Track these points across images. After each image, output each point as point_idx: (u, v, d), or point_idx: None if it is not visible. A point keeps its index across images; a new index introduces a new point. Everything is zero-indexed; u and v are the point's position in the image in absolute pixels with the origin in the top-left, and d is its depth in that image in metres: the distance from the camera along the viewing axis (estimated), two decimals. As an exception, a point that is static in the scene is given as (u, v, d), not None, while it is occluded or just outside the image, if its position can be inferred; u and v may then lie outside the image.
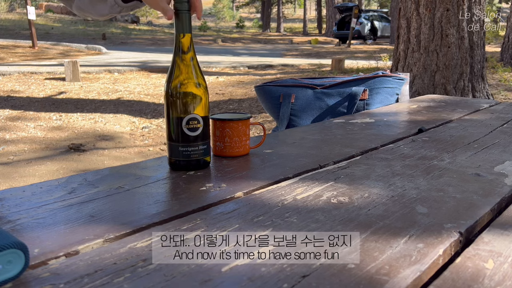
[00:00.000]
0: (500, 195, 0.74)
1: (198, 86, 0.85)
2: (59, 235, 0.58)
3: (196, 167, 0.88)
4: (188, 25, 0.83)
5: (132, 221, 0.63)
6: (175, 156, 0.87)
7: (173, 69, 0.84)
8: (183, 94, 0.84)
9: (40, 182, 0.80)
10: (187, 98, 0.84)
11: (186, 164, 0.87)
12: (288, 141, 1.11)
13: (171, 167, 0.89)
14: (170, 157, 0.88)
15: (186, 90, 0.84)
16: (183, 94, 0.84)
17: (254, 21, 38.51)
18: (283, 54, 13.77)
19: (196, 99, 0.85)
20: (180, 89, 0.84)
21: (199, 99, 0.85)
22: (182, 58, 0.84)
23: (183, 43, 0.83)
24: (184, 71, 0.84)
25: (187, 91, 0.84)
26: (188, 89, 0.84)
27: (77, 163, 3.27)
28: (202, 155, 0.87)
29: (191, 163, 0.87)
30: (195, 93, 0.84)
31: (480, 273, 0.50)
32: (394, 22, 15.96)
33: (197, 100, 0.85)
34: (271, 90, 1.90)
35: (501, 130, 1.25)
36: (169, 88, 0.84)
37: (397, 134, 1.20)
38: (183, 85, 0.84)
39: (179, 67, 0.84)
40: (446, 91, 4.25)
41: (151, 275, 0.49)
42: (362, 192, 0.75)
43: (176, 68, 0.84)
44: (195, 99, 0.84)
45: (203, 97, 0.86)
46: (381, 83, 1.82)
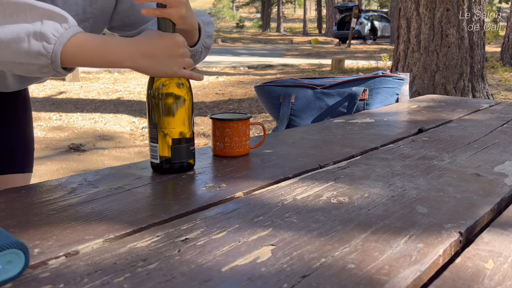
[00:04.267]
0: (500, 195, 0.74)
1: (180, 86, 0.81)
2: (59, 235, 0.58)
3: (180, 170, 0.85)
4: (172, 25, 0.80)
5: (132, 221, 0.63)
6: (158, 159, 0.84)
7: None
8: (165, 95, 0.80)
9: (40, 182, 0.80)
10: (170, 99, 0.81)
11: (170, 167, 0.84)
12: (288, 141, 1.11)
13: (154, 170, 0.86)
14: (153, 160, 0.85)
15: (168, 91, 0.81)
16: (165, 95, 0.80)
17: (254, 21, 38.53)
18: (283, 54, 13.77)
19: (180, 100, 0.82)
20: (162, 90, 0.81)
21: (183, 100, 0.82)
22: None
23: None
24: None
25: (169, 92, 0.81)
26: (170, 90, 0.81)
27: (77, 163, 3.27)
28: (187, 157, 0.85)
29: (174, 165, 0.84)
30: (178, 94, 0.81)
31: (480, 273, 0.50)
32: (394, 22, 15.96)
33: (180, 101, 0.82)
34: (271, 90, 1.90)
35: (501, 130, 1.25)
36: (150, 89, 0.81)
37: (397, 134, 1.20)
38: (165, 86, 0.81)
39: None
40: (446, 91, 4.25)
41: (151, 275, 0.49)
42: (362, 192, 0.75)
43: None
44: (179, 100, 0.81)
45: (187, 97, 0.82)
46: (381, 83, 1.82)
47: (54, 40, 0.68)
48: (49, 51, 0.68)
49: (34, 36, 0.67)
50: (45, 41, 0.68)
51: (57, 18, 0.69)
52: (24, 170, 1.04)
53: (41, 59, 0.69)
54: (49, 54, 0.68)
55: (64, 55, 0.70)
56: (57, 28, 0.69)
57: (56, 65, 0.70)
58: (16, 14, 0.67)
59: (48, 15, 0.69)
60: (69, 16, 0.71)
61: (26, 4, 0.68)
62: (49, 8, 0.70)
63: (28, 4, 0.68)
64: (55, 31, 0.69)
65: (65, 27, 0.70)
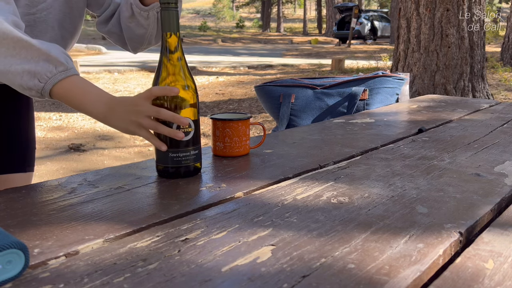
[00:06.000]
0: (500, 195, 0.74)
1: (186, 88, 0.80)
2: (59, 235, 0.58)
3: (186, 174, 0.82)
4: (176, 24, 0.79)
5: (132, 221, 0.63)
6: (164, 163, 0.81)
7: (159, 71, 0.80)
8: (171, 97, 0.79)
9: (40, 182, 0.80)
10: (176, 101, 0.79)
11: (176, 171, 0.82)
12: (288, 141, 1.11)
13: (159, 174, 0.84)
14: (158, 163, 0.83)
15: None
16: (171, 97, 0.79)
17: (254, 21, 38.54)
18: (283, 54, 13.77)
19: (185, 102, 0.80)
20: None
21: (188, 102, 0.80)
22: (169, 59, 0.80)
23: (170, 43, 0.79)
24: (171, 73, 0.80)
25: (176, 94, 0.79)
26: None
27: (77, 163, 3.27)
28: (193, 161, 0.82)
29: (181, 170, 0.82)
30: (183, 97, 0.80)
31: (480, 273, 0.50)
32: (394, 22, 15.96)
33: (186, 103, 0.80)
34: (271, 90, 1.90)
35: (501, 130, 1.25)
36: None
37: (397, 134, 1.20)
38: None
39: (166, 68, 0.80)
40: (446, 91, 4.25)
41: (151, 275, 0.49)
42: (362, 192, 0.75)
43: (163, 69, 0.80)
44: (184, 102, 0.80)
45: (193, 99, 0.81)
46: (381, 83, 1.82)
47: (45, 80, 0.77)
48: (39, 88, 0.77)
49: (28, 74, 0.77)
50: (38, 79, 0.77)
51: (53, 61, 0.78)
52: (26, 169, 1.04)
53: (32, 92, 0.78)
54: (39, 90, 0.78)
55: (52, 93, 0.79)
56: (51, 70, 0.78)
57: (45, 97, 0.80)
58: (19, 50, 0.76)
59: (46, 57, 0.77)
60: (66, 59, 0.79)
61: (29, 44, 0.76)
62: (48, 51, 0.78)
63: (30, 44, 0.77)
64: (49, 72, 0.77)
65: (59, 70, 0.78)
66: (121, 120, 0.78)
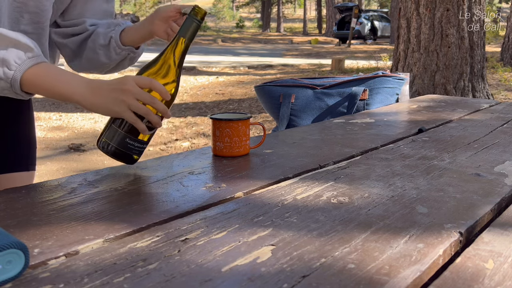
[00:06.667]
0: (500, 195, 0.74)
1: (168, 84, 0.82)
2: (59, 235, 0.58)
3: (121, 158, 0.83)
4: (193, 35, 0.83)
5: (132, 221, 0.63)
6: (111, 140, 0.81)
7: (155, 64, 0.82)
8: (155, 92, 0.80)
9: (40, 182, 0.80)
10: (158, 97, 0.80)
11: (117, 153, 0.82)
12: (288, 141, 1.11)
13: (98, 145, 0.83)
14: (105, 138, 0.82)
15: None
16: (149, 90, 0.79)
17: (254, 21, 38.55)
18: (283, 54, 13.78)
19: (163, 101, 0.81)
20: None
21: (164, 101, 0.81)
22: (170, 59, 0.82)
23: (180, 48, 0.82)
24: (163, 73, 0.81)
25: None
26: None
27: (77, 163, 3.27)
28: (138, 153, 0.84)
29: (122, 154, 0.82)
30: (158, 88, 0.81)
31: (480, 273, 0.50)
32: (394, 22, 15.96)
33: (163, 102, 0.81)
34: (271, 90, 1.90)
35: (501, 130, 1.25)
36: None
37: (397, 134, 1.20)
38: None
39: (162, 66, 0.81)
40: (446, 91, 4.25)
41: (151, 275, 0.49)
42: (362, 192, 0.75)
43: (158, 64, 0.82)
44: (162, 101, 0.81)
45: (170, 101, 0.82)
46: (381, 83, 1.82)
47: (15, 67, 0.73)
48: (8, 76, 0.73)
49: None
50: (6, 66, 0.73)
51: (22, 47, 0.74)
52: (28, 168, 1.04)
53: (1, 83, 0.74)
54: (8, 79, 0.73)
55: (23, 81, 0.74)
56: (20, 56, 0.74)
57: (16, 88, 0.75)
58: None
59: (14, 43, 0.74)
60: (35, 46, 0.76)
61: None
62: (17, 38, 0.74)
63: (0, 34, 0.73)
64: (18, 58, 0.73)
65: (29, 55, 0.74)
66: (106, 99, 0.76)
